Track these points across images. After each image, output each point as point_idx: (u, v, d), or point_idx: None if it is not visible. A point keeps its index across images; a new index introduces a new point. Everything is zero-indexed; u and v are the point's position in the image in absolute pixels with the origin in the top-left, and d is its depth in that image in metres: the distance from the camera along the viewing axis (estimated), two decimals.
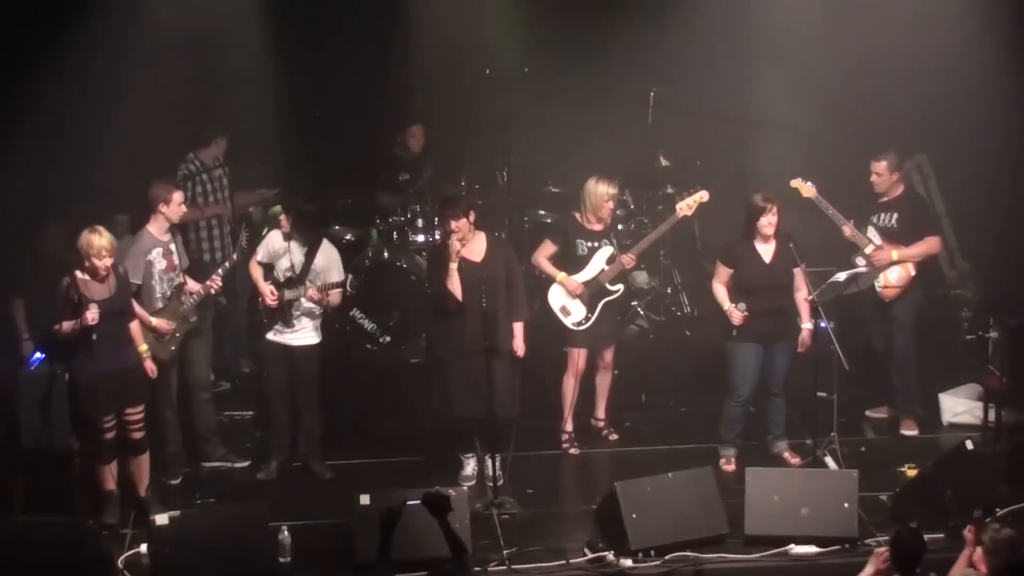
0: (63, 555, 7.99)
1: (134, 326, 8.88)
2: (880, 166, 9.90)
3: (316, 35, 11.88)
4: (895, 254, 9.84)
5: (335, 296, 9.42)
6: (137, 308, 8.98)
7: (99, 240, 8.58)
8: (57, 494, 8.92)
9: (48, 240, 10.39)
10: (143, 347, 8.93)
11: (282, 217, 9.53)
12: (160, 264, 9.25)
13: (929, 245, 9.96)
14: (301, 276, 9.37)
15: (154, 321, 9.13)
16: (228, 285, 10.08)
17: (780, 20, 11.62)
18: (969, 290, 11.56)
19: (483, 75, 11.88)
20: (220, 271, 9.45)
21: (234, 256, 9.69)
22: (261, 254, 9.56)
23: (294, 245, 9.44)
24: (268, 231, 9.82)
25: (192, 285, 9.39)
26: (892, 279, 9.90)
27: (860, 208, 9.97)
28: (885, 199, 9.96)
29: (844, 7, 11.57)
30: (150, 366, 8.93)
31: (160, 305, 9.23)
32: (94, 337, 8.54)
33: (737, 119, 11.98)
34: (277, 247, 9.49)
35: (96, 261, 8.58)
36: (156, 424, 9.18)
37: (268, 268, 9.51)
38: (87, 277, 8.64)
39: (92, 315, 8.49)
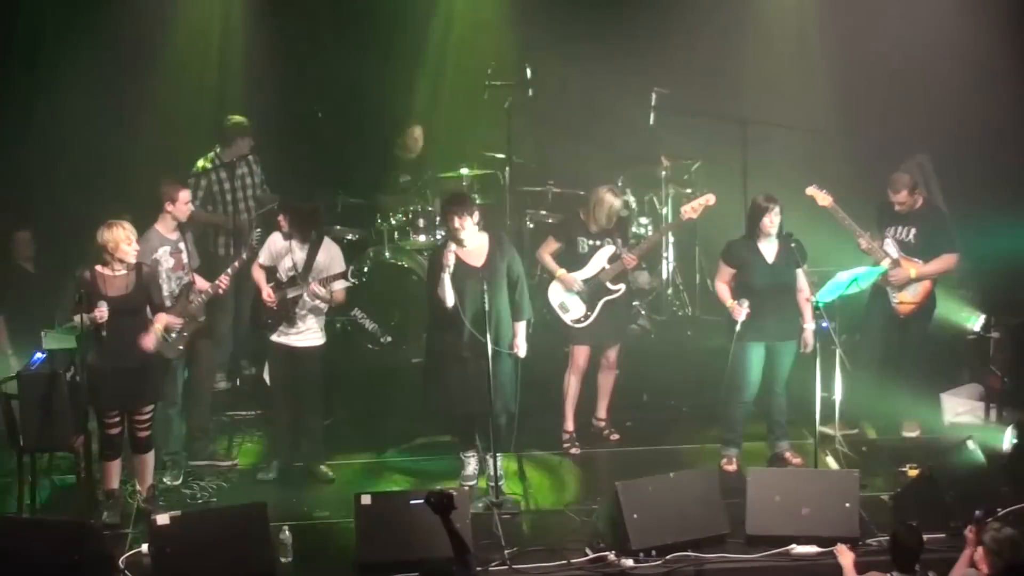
0: (63, 555, 7.98)
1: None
2: (901, 195, 9.73)
3: (316, 35, 11.87)
4: (913, 272, 9.77)
5: (339, 292, 9.40)
6: None
7: (120, 232, 8.61)
8: (58, 494, 8.91)
9: (17, 249, 10.41)
10: (157, 326, 8.92)
11: (280, 217, 9.53)
12: (168, 262, 9.24)
13: (946, 262, 9.85)
14: (303, 274, 9.37)
15: (164, 319, 9.10)
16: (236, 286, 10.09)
17: (781, 20, 11.62)
18: (970, 290, 11.54)
19: (483, 75, 11.88)
20: (228, 271, 9.43)
21: (243, 256, 9.68)
22: (264, 257, 9.55)
23: (295, 244, 9.45)
24: (270, 234, 9.82)
25: (201, 284, 9.37)
26: (908, 295, 9.84)
27: (876, 218, 9.91)
28: (904, 212, 9.85)
29: (845, 8, 11.56)
30: (150, 339, 8.80)
31: (168, 304, 9.21)
32: (103, 333, 8.57)
33: (737, 119, 11.97)
34: (279, 248, 9.49)
35: (125, 248, 8.60)
36: (159, 423, 9.16)
37: (272, 271, 9.51)
38: (106, 272, 8.65)
39: (101, 312, 8.52)
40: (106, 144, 11.24)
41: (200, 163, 10.87)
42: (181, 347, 9.28)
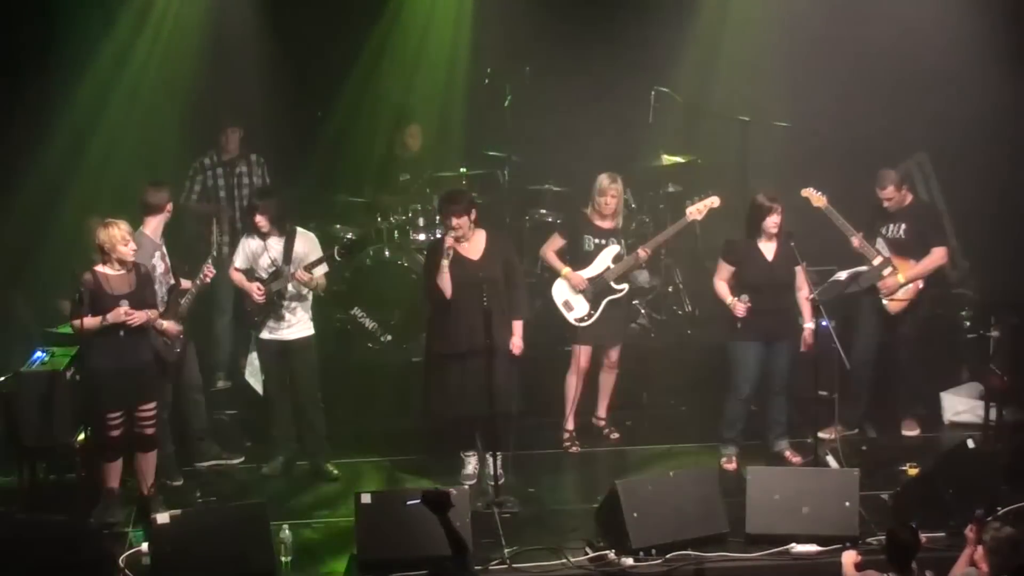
0: (63, 554, 7.99)
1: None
2: (888, 191, 9.79)
3: (315, 34, 11.87)
4: (901, 277, 9.79)
5: (321, 277, 9.39)
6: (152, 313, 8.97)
7: (118, 231, 8.60)
8: (58, 493, 8.92)
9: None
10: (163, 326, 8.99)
11: (258, 218, 9.42)
12: (160, 267, 9.23)
13: (935, 257, 9.87)
14: (285, 266, 9.35)
15: (164, 324, 9.10)
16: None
17: (780, 19, 11.61)
18: (970, 289, 11.54)
19: (483, 75, 11.88)
20: (209, 261, 9.35)
21: (225, 245, 9.59)
22: (239, 260, 9.51)
23: (271, 241, 9.41)
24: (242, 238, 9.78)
25: (184, 283, 9.36)
26: (899, 292, 9.86)
27: (870, 220, 9.92)
28: (894, 209, 9.87)
29: (845, 7, 11.56)
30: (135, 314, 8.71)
31: (162, 308, 9.21)
32: (121, 334, 8.60)
33: (737, 119, 11.97)
34: (254, 248, 9.45)
35: (122, 248, 8.60)
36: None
37: (249, 273, 9.47)
38: (108, 271, 8.65)
39: (125, 311, 8.53)
40: (81, 145, 11.20)
41: (196, 161, 10.86)
42: (179, 350, 9.27)
